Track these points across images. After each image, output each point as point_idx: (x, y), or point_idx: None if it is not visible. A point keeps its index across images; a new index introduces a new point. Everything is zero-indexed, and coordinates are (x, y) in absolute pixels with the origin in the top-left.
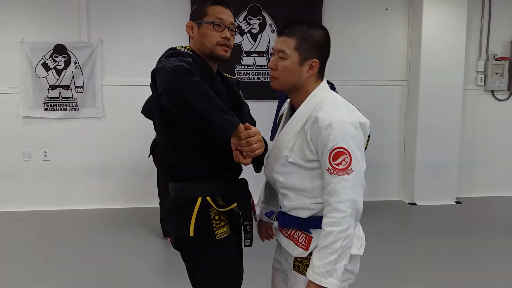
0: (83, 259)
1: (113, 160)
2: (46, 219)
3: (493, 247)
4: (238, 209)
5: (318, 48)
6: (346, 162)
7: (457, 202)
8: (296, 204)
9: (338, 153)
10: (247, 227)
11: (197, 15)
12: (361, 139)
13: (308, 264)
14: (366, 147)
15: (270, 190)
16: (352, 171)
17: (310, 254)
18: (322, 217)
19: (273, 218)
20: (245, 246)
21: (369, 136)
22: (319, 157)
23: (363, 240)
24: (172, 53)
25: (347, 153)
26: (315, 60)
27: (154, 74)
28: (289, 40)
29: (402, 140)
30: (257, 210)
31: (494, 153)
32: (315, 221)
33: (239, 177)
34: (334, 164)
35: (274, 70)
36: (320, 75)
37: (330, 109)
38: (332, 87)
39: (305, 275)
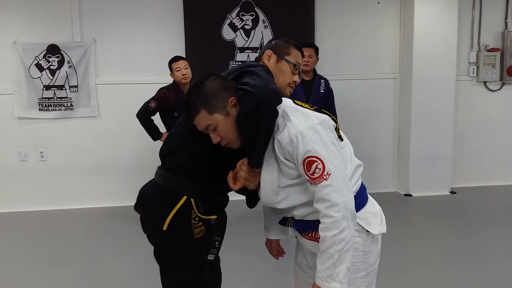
0: (83, 258)
1: (110, 158)
2: (44, 219)
3: (488, 236)
4: (214, 222)
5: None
6: (320, 169)
7: (452, 192)
8: (307, 211)
9: (309, 163)
10: (216, 243)
11: (280, 50)
12: (326, 137)
13: None
14: (340, 136)
15: (269, 216)
16: (329, 174)
17: None
18: None
19: (288, 225)
20: (207, 259)
21: (336, 123)
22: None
23: (381, 214)
24: (269, 71)
25: (317, 159)
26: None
27: (244, 72)
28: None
29: (396, 132)
30: (264, 232)
31: (487, 143)
32: None
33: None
34: (310, 174)
35: None
36: None
37: (284, 126)
38: (327, 83)
39: None
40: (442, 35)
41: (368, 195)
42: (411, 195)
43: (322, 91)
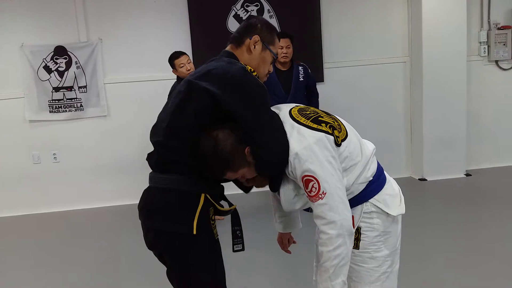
0: (103, 257)
1: (122, 156)
2: (61, 220)
3: (506, 218)
4: (231, 212)
5: None
6: (316, 188)
7: (467, 175)
8: None
9: (307, 181)
10: (237, 232)
11: (266, 38)
12: (322, 157)
13: (355, 238)
14: (338, 143)
15: (279, 209)
16: (325, 193)
17: (356, 229)
18: (356, 197)
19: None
20: (235, 251)
21: (334, 130)
22: None
23: (400, 195)
24: (260, 85)
25: (313, 179)
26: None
27: (236, 82)
28: None
29: (408, 116)
30: (276, 226)
31: (501, 123)
32: (350, 203)
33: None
34: (308, 191)
35: None
36: None
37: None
38: (305, 69)
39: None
40: (451, 15)
41: (387, 176)
42: (426, 180)
43: (302, 79)
